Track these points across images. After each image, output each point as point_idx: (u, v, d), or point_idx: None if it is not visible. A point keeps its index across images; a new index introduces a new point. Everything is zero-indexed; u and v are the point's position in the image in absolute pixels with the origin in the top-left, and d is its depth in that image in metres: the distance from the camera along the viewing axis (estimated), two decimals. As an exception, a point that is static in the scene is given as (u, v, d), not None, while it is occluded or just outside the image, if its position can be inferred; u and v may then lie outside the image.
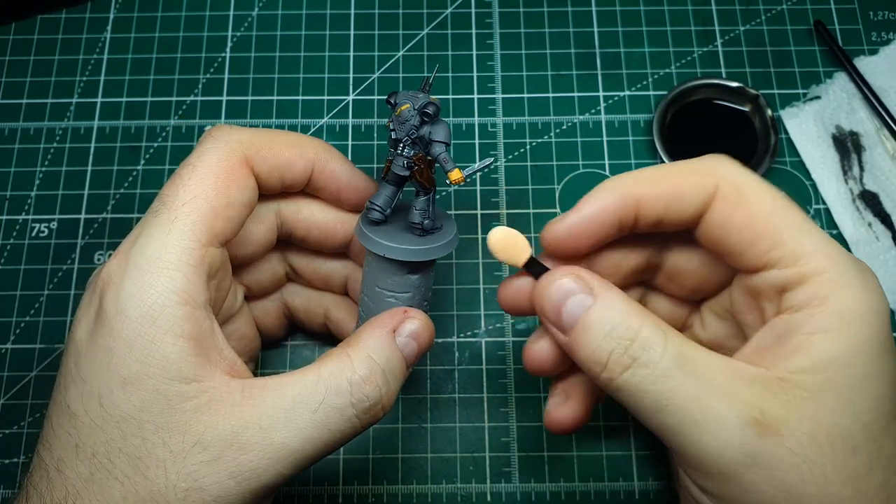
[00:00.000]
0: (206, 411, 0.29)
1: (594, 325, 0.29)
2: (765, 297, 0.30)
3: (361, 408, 0.31)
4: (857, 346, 0.27)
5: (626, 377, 0.28)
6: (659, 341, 0.28)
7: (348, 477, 0.43)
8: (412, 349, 0.34)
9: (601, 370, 0.29)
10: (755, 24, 0.53)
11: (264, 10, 0.53)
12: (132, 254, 0.30)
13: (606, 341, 0.29)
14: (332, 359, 0.32)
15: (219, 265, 0.32)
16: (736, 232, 0.30)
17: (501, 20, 0.53)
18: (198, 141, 0.34)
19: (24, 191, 0.49)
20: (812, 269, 0.28)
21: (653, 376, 0.28)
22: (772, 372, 0.28)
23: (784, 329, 0.28)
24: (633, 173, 0.32)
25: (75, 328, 0.31)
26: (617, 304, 0.29)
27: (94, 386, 0.29)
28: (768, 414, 0.26)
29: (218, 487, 0.28)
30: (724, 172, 0.31)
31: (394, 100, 0.33)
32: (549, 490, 0.43)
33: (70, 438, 0.29)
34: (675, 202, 0.31)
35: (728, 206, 0.30)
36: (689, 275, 0.35)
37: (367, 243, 0.34)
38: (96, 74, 0.52)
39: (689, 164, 0.32)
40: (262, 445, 0.29)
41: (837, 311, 0.28)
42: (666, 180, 0.31)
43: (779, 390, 0.27)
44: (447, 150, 0.33)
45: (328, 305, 0.42)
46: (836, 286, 0.28)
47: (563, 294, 0.30)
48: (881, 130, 0.49)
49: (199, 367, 0.29)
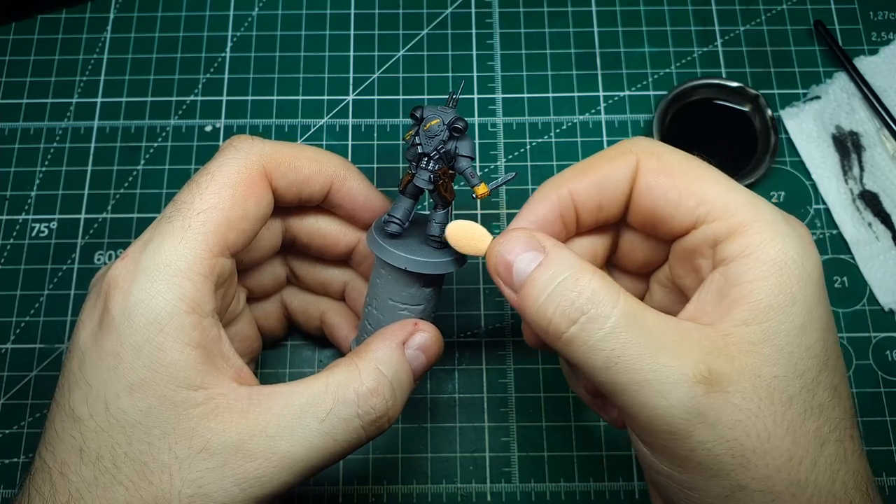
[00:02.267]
0: (214, 418, 0.29)
1: (542, 279, 0.29)
2: (699, 255, 0.31)
3: (368, 419, 0.31)
4: (792, 293, 0.27)
5: (575, 331, 0.28)
6: (609, 297, 0.28)
7: (348, 477, 0.43)
8: (421, 362, 0.34)
9: (548, 324, 0.28)
10: (755, 24, 0.53)
11: (264, 10, 0.53)
12: (142, 259, 0.30)
13: (554, 295, 0.28)
14: (341, 369, 0.32)
15: (228, 274, 0.33)
16: (663, 195, 0.31)
17: (501, 20, 0.53)
18: (218, 149, 0.34)
19: (24, 191, 0.49)
20: (741, 220, 0.29)
21: (602, 332, 0.27)
22: (716, 329, 0.28)
23: (723, 283, 0.29)
24: (562, 172, 0.33)
25: (79, 330, 0.31)
26: (567, 259, 0.29)
27: (99, 390, 0.29)
28: (715, 370, 0.26)
29: (223, 494, 0.28)
30: (641, 146, 0.32)
31: (420, 114, 0.33)
32: (549, 490, 0.43)
33: (74, 442, 0.29)
34: (605, 185, 0.32)
35: (651, 174, 0.31)
36: (638, 250, 0.35)
37: (388, 257, 0.34)
38: (96, 74, 0.52)
39: (608, 150, 0.33)
40: (268, 454, 0.29)
41: (770, 257, 0.28)
42: (591, 167, 0.32)
43: (723, 346, 0.27)
44: (472, 165, 0.34)
45: (324, 309, 0.42)
46: (767, 235, 0.28)
47: (514, 252, 0.30)
48: (881, 130, 0.49)
49: (207, 375, 0.29)
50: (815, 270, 0.28)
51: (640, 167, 0.31)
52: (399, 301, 0.35)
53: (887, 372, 0.45)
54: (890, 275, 0.46)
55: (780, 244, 0.28)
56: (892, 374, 0.45)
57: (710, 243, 0.30)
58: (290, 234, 0.38)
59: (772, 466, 0.26)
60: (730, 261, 0.29)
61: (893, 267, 0.47)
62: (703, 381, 0.26)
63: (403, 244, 0.35)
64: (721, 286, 0.29)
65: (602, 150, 0.33)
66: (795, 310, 0.27)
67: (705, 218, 0.30)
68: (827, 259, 0.47)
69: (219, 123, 0.50)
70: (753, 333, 0.27)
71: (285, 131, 0.50)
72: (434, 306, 0.37)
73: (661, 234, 0.32)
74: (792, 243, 0.28)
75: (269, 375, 0.45)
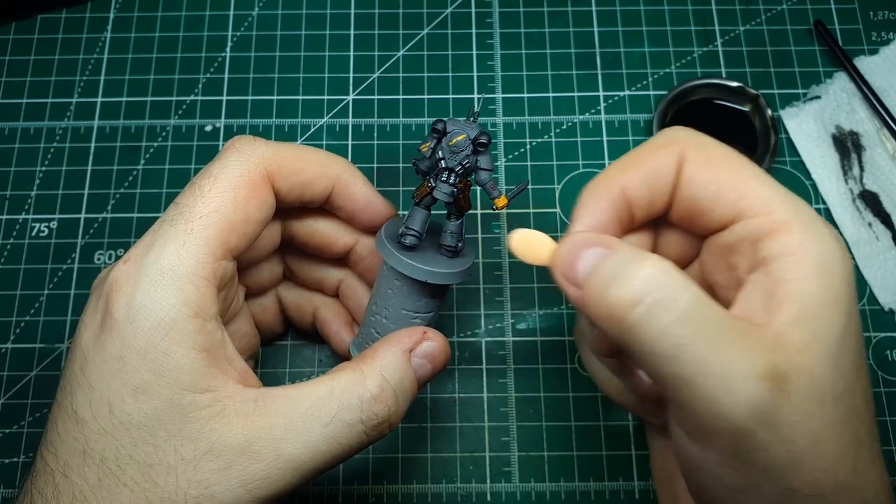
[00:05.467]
0: (220, 420, 0.29)
1: (606, 266, 0.27)
2: (737, 252, 0.30)
3: (370, 424, 0.31)
4: (836, 294, 0.27)
5: (641, 313, 0.26)
6: (680, 281, 0.26)
7: (348, 477, 0.43)
8: (426, 371, 0.34)
9: (611, 308, 0.26)
10: (755, 24, 0.53)
11: (264, 10, 0.53)
12: (145, 263, 0.30)
13: (619, 278, 0.26)
14: (346, 373, 0.32)
15: (230, 277, 0.33)
16: (704, 187, 0.30)
17: (501, 20, 0.53)
18: (220, 149, 0.34)
19: (24, 190, 0.49)
20: (783, 217, 0.28)
21: (672, 315, 0.25)
22: (770, 328, 0.27)
23: (768, 282, 0.28)
24: (607, 169, 0.32)
25: (80, 333, 0.31)
26: (631, 249, 0.28)
27: (103, 393, 0.29)
28: (779, 369, 0.25)
29: (229, 496, 0.29)
30: (685, 136, 0.31)
31: (441, 127, 0.33)
32: (549, 490, 0.43)
33: (77, 444, 0.29)
34: (654, 178, 0.31)
35: (695, 165, 0.30)
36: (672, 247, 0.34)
37: (408, 271, 0.34)
38: (96, 74, 0.52)
39: (651, 141, 0.32)
40: (273, 455, 0.29)
41: (815, 257, 0.27)
42: (638, 160, 0.31)
43: (780, 345, 0.26)
44: (493, 178, 0.34)
45: (317, 304, 0.42)
46: (809, 234, 0.28)
47: (578, 250, 0.29)
48: (881, 130, 0.49)
49: (213, 378, 0.30)
50: (852, 274, 0.28)
51: (684, 157, 0.30)
52: (412, 310, 0.35)
53: (887, 372, 0.45)
54: (890, 275, 0.46)
55: (821, 244, 0.27)
56: (892, 374, 0.45)
57: (750, 240, 0.29)
58: (288, 232, 0.38)
59: (820, 469, 0.26)
60: (772, 259, 0.28)
61: (893, 267, 0.47)
62: (769, 379, 0.25)
63: (417, 254, 0.35)
64: (767, 285, 0.28)
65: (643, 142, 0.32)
66: (839, 310, 0.27)
67: (745, 213, 0.29)
68: (827, 259, 0.47)
69: (219, 123, 0.50)
70: (803, 333, 0.26)
71: (285, 131, 0.50)
72: (439, 312, 0.37)
73: (699, 229, 0.31)
74: (832, 244, 0.28)
75: (269, 375, 0.45)
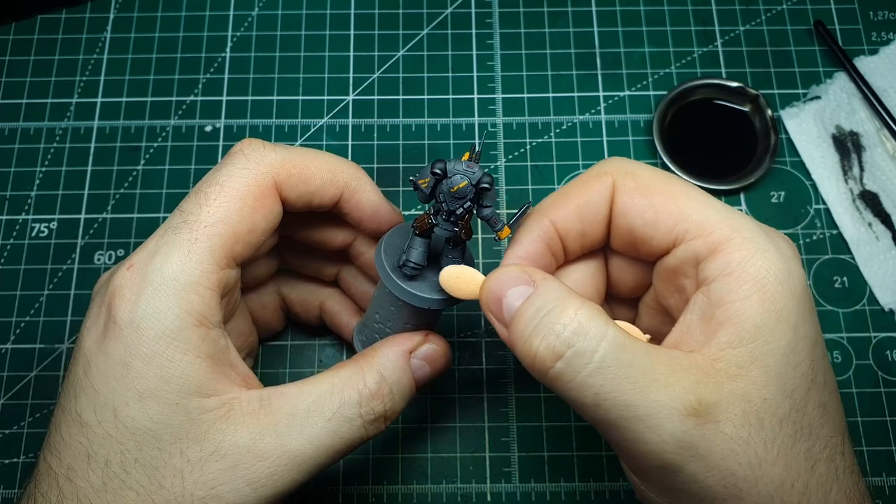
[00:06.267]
0: (226, 421, 0.29)
1: (528, 312, 0.28)
2: (681, 274, 0.30)
3: (368, 419, 0.32)
4: (777, 311, 0.27)
5: (561, 367, 0.26)
6: (597, 329, 0.26)
7: (348, 477, 0.43)
8: (425, 372, 0.34)
9: (534, 359, 0.27)
10: (755, 24, 0.53)
11: (264, 10, 0.53)
12: (149, 271, 0.30)
13: (540, 327, 0.27)
14: (346, 370, 0.32)
15: (233, 284, 0.33)
16: (640, 216, 0.30)
17: (501, 20, 0.53)
18: (227, 153, 0.33)
19: (24, 191, 0.49)
20: (720, 237, 0.28)
21: (590, 367, 0.26)
22: (704, 353, 0.27)
23: (706, 304, 0.28)
24: (541, 202, 0.33)
25: (83, 337, 0.31)
26: (554, 290, 0.28)
27: (107, 397, 0.29)
28: (704, 400, 0.26)
29: (235, 495, 0.29)
30: (616, 166, 0.31)
31: (441, 169, 0.31)
32: (549, 490, 0.43)
33: (81, 447, 0.29)
34: (584, 210, 0.31)
35: (627, 194, 0.31)
36: (626, 274, 0.35)
37: (414, 301, 0.34)
38: (96, 74, 0.52)
39: (584, 173, 0.32)
40: (279, 452, 0.29)
41: (752, 276, 0.27)
42: (568, 194, 0.32)
43: (713, 372, 0.26)
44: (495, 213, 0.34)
45: (323, 297, 0.42)
46: (747, 252, 0.28)
47: (504, 287, 0.29)
48: (881, 130, 0.49)
49: (218, 383, 0.30)
50: (798, 285, 0.28)
51: (616, 188, 0.31)
52: (414, 325, 0.36)
53: (887, 372, 0.45)
54: (890, 275, 0.46)
55: (760, 261, 0.27)
56: (892, 374, 0.45)
57: (691, 262, 0.29)
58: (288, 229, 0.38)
59: (764, 493, 0.26)
60: (711, 280, 0.28)
61: (893, 267, 0.47)
62: (692, 414, 0.25)
63: (420, 282, 0.34)
64: (705, 308, 0.28)
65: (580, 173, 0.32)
66: (781, 328, 0.27)
67: (684, 236, 0.29)
68: (827, 259, 0.47)
69: (219, 123, 0.50)
70: (740, 356, 0.27)
71: (285, 131, 0.50)
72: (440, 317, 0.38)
73: (643, 255, 0.32)
74: (773, 259, 0.27)
75: (269, 375, 0.45)
